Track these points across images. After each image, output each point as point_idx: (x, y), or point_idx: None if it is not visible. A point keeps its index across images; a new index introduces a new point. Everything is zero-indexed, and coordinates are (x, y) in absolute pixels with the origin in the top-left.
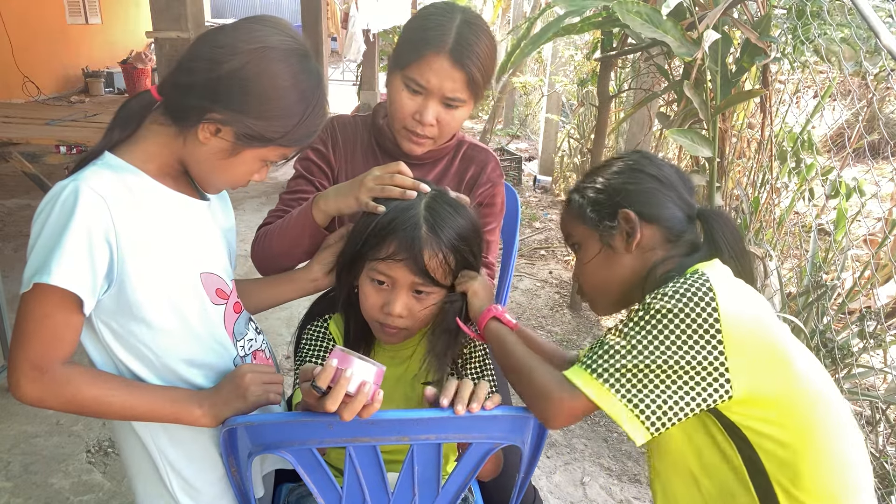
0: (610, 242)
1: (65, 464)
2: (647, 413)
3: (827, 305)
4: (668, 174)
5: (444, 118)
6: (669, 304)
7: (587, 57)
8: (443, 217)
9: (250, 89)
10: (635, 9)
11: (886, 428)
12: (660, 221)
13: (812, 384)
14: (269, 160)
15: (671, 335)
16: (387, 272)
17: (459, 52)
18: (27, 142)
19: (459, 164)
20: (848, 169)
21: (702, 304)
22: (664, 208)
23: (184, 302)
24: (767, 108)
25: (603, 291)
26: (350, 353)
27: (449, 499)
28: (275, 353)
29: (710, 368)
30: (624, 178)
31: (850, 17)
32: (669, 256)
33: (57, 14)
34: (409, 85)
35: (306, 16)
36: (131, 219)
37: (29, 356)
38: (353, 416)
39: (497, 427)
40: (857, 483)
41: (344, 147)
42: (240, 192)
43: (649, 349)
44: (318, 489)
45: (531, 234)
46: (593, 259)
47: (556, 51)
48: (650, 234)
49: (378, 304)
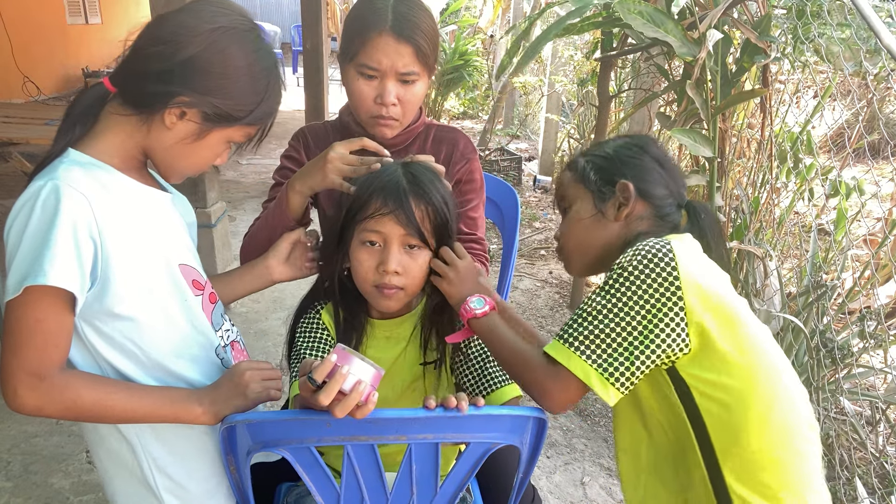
0: (602, 209)
1: (65, 464)
2: (615, 374)
3: (827, 305)
4: (669, 162)
5: (403, 95)
6: (632, 264)
7: (587, 57)
8: (421, 173)
9: (214, 70)
10: (637, 8)
11: (886, 428)
12: (652, 199)
13: (762, 353)
14: (234, 140)
15: (631, 293)
16: (377, 228)
17: (401, 27)
18: (27, 142)
19: (432, 147)
20: (848, 169)
21: (662, 262)
22: (659, 188)
23: (166, 294)
24: (767, 108)
25: (582, 253)
26: (351, 352)
27: (447, 498)
28: (275, 352)
29: (668, 320)
30: (630, 152)
31: (850, 17)
32: (652, 231)
33: (57, 14)
34: (363, 72)
35: (306, 16)
36: (110, 215)
37: (24, 364)
38: (344, 413)
39: (495, 427)
40: (805, 453)
41: (316, 150)
42: (240, 192)
43: (613, 311)
44: (317, 487)
45: (531, 234)
46: (582, 221)
47: (555, 51)
48: (640, 209)
49: (373, 266)
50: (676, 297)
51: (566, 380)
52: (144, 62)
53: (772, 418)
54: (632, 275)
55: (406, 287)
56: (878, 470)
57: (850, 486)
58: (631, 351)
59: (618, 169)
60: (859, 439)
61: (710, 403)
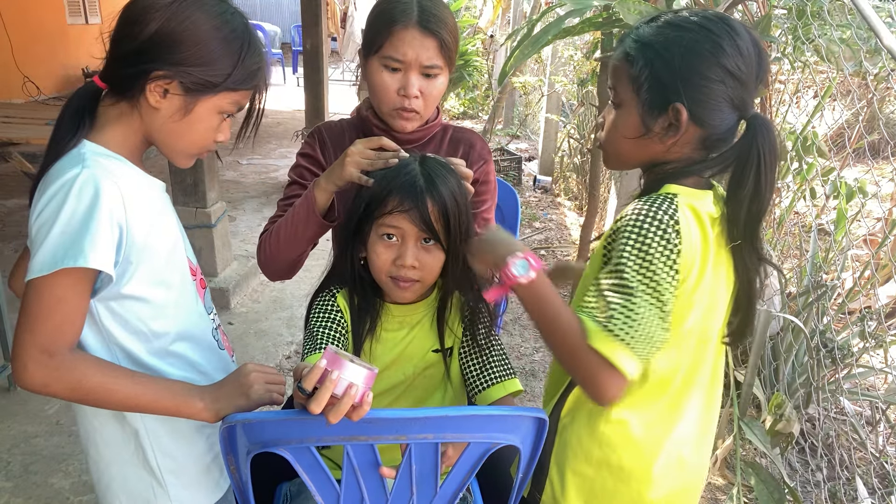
0: (649, 125)
1: (65, 464)
2: (636, 348)
3: (827, 305)
4: (745, 66)
5: (426, 88)
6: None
7: (587, 57)
8: (437, 171)
9: (181, 39)
10: (637, 8)
11: (886, 428)
12: (706, 126)
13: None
14: (225, 111)
15: (649, 273)
16: (395, 223)
17: (426, 21)
18: (27, 142)
19: (449, 147)
20: (848, 169)
21: (667, 248)
22: (719, 112)
23: (174, 278)
24: (767, 108)
25: (620, 161)
26: (342, 354)
27: (447, 498)
28: (275, 352)
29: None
30: (697, 63)
31: (851, 17)
32: (690, 159)
33: (57, 14)
34: (388, 64)
35: (306, 16)
36: (133, 203)
37: (38, 340)
38: (339, 418)
39: (495, 426)
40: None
41: (333, 147)
42: (240, 192)
43: (637, 290)
44: (317, 487)
45: (531, 234)
46: (627, 131)
47: (555, 51)
48: (690, 134)
49: (390, 259)
50: (674, 275)
51: (611, 369)
52: (117, 47)
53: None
54: (641, 251)
55: (422, 279)
56: (878, 470)
57: (851, 486)
58: (659, 334)
59: (677, 88)
60: (859, 439)
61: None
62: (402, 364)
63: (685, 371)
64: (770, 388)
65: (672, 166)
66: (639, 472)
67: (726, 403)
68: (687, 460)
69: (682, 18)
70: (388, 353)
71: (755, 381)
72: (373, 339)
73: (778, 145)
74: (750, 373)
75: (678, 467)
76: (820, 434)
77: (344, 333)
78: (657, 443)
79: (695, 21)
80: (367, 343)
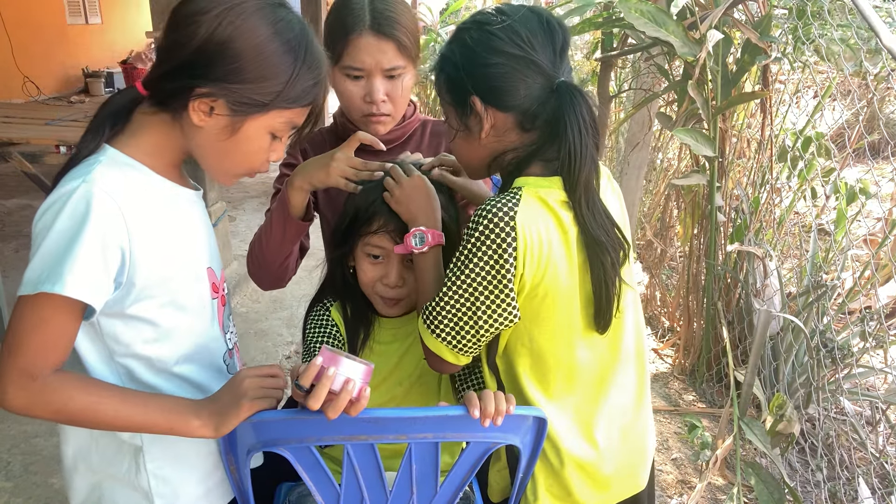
0: (467, 124)
1: None
2: (463, 348)
3: (827, 305)
4: (525, 43)
5: (392, 91)
6: (474, 236)
7: (587, 57)
8: None
9: (229, 52)
10: (639, 7)
11: (886, 428)
12: (508, 107)
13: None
14: (276, 131)
15: (469, 270)
16: (380, 244)
17: (379, 24)
18: (27, 142)
19: (430, 140)
20: (848, 169)
21: (499, 238)
22: (516, 93)
23: (188, 300)
24: (767, 108)
25: (471, 166)
26: (337, 352)
27: (447, 498)
28: (275, 352)
29: (503, 296)
30: (473, 55)
31: (851, 17)
32: (521, 144)
33: (57, 14)
34: (349, 73)
35: (306, 16)
36: (143, 221)
37: (18, 362)
38: (337, 413)
39: (495, 426)
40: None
41: (314, 154)
42: (239, 191)
43: (459, 290)
44: (317, 487)
45: None
46: (457, 137)
47: None
48: (503, 119)
49: (376, 277)
50: (509, 276)
51: (435, 354)
52: (162, 56)
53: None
54: (472, 252)
55: (408, 297)
56: (879, 470)
57: (851, 487)
58: (474, 327)
59: (465, 83)
60: (859, 439)
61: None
62: (398, 376)
63: (596, 358)
64: (770, 388)
65: (511, 156)
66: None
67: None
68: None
69: (463, 23)
70: (383, 365)
71: (755, 381)
72: (368, 352)
73: (592, 108)
74: (750, 373)
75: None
76: (820, 434)
77: (339, 346)
78: (591, 423)
79: (470, 20)
80: (363, 355)
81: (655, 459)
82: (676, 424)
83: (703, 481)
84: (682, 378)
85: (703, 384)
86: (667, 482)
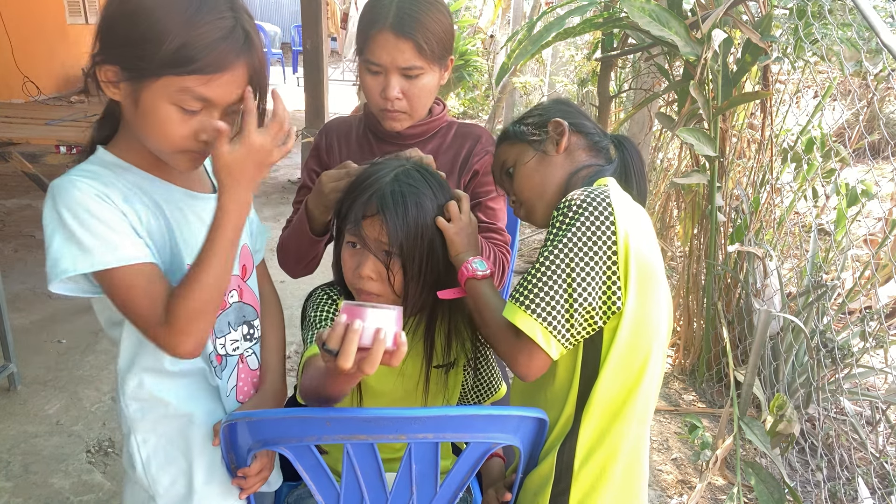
0: (543, 148)
1: (65, 464)
2: (556, 326)
3: (827, 305)
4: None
5: (408, 90)
6: (571, 209)
7: (587, 57)
8: (406, 186)
9: (119, 20)
10: (644, 6)
11: (886, 428)
12: (584, 130)
13: (662, 313)
14: (180, 102)
15: (568, 239)
16: (356, 234)
17: (401, 24)
18: (27, 142)
19: (453, 141)
20: (848, 169)
21: (600, 221)
22: (587, 123)
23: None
24: (768, 108)
25: (539, 197)
26: (360, 304)
27: (447, 498)
28: None
29: (605, 267)
30: (552, 105)
31: (852, 17)
32: (592, 162)
33: (57, 14)
34: (370, 68)
35: (306, 16)
36: (129, 215)
37: (151, 323)
38: (375, 368)
39: (495, 426)
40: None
41: (339, 143)
42: None
43: (555, 261)
44: (317, 486)
45: (531, 234)
46: (528, 166)
47: (556, 51)
48: (576, 140)
49: (352, 267)
50: (611, 242)
51: (528, 344)
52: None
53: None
54: (569, 225)
55: (381, 293)
56: (878, 470)
57: (851, 487)
58: (570, 301)
59: (546, 116)
60: (859, 439)
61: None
62: (402, 380)
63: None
64: (770, 388)
65: (585, 171)
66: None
67: (726, 403)
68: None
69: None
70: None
71: (755, 381)
72: None
73: (642, 157)
74: (750, 373)
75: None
76: (820, 434)
77: None
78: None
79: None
80: None
81: (656, 459)
82: (676, 424)
83: (704, 481)
84: (682, 378)
85: (703, 384)
86: (667, 482)
